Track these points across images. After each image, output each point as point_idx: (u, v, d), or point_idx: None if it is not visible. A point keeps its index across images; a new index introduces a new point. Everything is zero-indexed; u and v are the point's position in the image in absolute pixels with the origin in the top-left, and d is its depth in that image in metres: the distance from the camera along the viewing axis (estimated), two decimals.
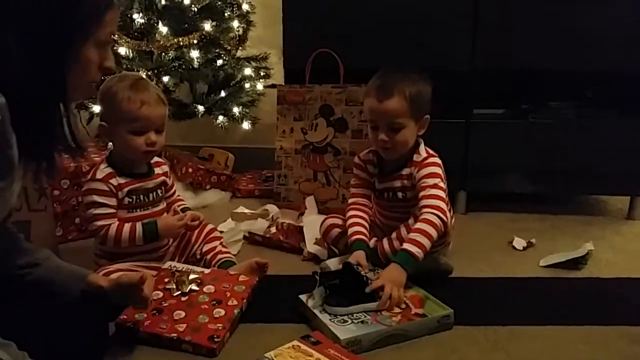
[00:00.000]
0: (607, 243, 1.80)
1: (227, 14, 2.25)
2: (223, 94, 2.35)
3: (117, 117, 1.40)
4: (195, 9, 2.16)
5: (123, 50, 2.04)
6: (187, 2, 2.13)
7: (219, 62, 2.28)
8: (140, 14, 2.07)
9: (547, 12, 1.90)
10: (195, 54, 2.13)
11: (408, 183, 1.54)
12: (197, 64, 2.14)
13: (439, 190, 1.47)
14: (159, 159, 1.57)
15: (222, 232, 1.71)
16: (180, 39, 2.10)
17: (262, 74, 2.43)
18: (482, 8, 1.91)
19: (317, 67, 1.99)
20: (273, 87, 2.19)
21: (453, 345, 1.24)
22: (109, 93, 1.40)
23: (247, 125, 2.38)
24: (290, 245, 1.75)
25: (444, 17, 1.94)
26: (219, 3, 2.22)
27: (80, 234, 1.80)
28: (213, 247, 1.56)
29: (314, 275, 1.37)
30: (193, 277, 1.37)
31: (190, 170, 2.16)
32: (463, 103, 2.00)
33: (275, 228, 1.82)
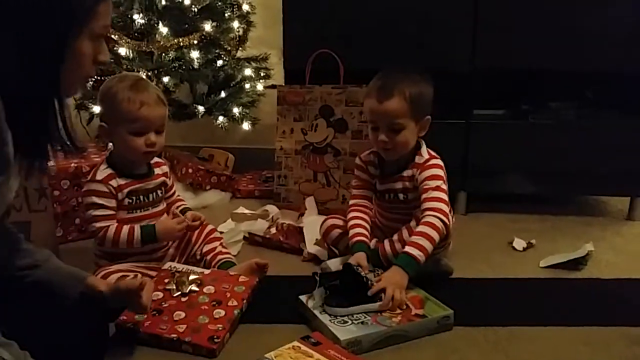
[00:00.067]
0: (607, 244, 1.80)
1: (227, 15, 2.26)
2: (223, 95, 2.35)
3: (116, 117, 1.40)
4: (196, 10, 2.16)
5: (123, 51, 2.05)
6: (187, 2, 2.13)
7: (219, 62, 2.28)
8: (141, 15, 2.07)
9: (547, 12, 1.90)
10: (196, 55, 2.13)
11: (409, 184, 1.53)
12: (197, 65, 2.14)
13: (441, 193, 1.46)
14: (159, 159, 1.57)
15: (222, 232, 1.72)
16: (181, 40, 2.11)
17: (262, 75, 2.43)
18: (482, 8, 1.91)
19: (317, 67, 1.99)
20: (273, 87, 2.18)
21: (453, 346, 1.24)
22: (109, 93, 1.40)
23: (247, 126, 2.38)
24: (290, 246, 1.75)
25: (444, 17, 1.94)
26: (219, 3, 2.23)
27: (81, 235, 1.80)
28: (213, 247, 1.56)
29: (314, 276, 1.37)
30: (193, 277, 1.37)
31: (190, 171, 2.16)
32: (463, 103, 2.00)
33: (275, 229, 1.82)
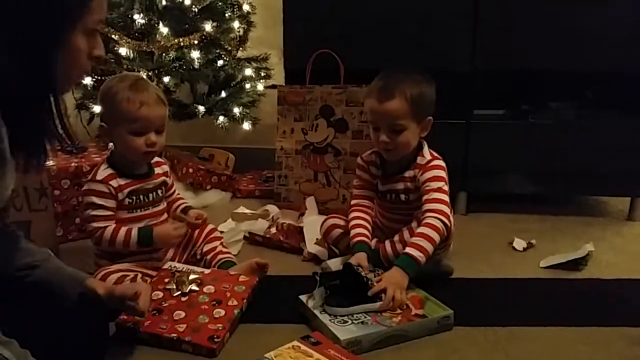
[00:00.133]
0: (607, 244, 1.80)
1: (227, 15, 2.26)
2: (223, 95, 2.35)
3: (117, 117, 1.40)
4: (196, 10, 2.16)
5: (124, 51, 2.05)
6: (187, 2, 2.13)
7: (220, 62, 2.28)
8: (141, 15, 2.07)
9: (547, 12, 1.90)
10: (196, 55, 2.13)
11: (411, 185, 1.53)
12: (197, 65, 2.14)
13: (443, 194, 1.46)
14: (159, 159, 1.57)
15: (222, 232, 1.72)
16: (181, 40, 2.11)
17: (262, 75, 2.44)
18: (482, 8, 1.91)
19: (317, 67, 1.99)
20: (273, 87, 2.18)
21: (453, 346, 1.24)
22: (109, 93, 1.40)
23: (247, 126, 2.38)
24: (291, 246, 1.75)
25: (444, 17, 1.94)
26: (220, 4, 2.23)
27: (81, 234, 1.80)
28: (213, 247, 1.56)
29: (314, 276, 1.37)
30: (193, 277, 1.37)
31: (191, 171, 2.16)
32: (463, 104, 2.00)
33: (276, 228, 1.82)
